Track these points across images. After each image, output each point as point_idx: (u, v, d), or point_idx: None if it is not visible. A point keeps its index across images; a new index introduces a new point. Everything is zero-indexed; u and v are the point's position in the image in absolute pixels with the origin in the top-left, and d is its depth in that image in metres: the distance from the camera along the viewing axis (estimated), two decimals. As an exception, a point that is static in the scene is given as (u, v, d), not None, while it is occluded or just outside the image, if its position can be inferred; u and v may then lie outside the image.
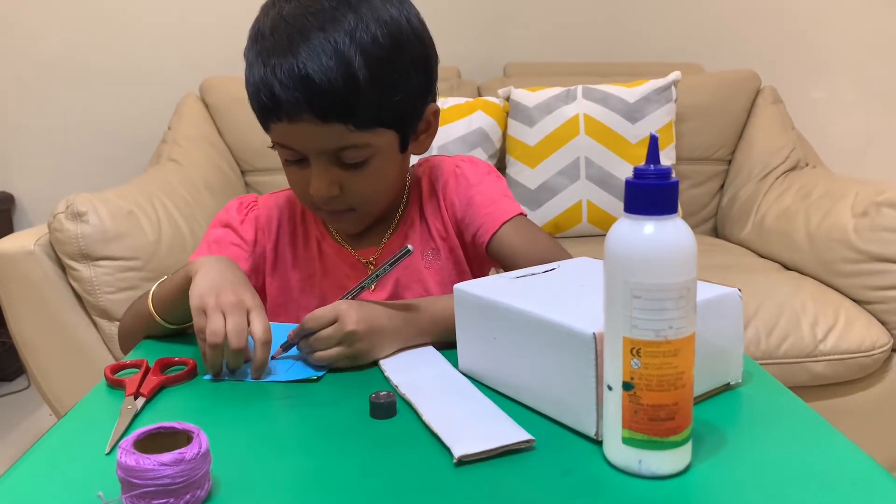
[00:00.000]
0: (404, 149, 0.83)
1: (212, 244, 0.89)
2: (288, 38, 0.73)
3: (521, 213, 0.88)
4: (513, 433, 0.54)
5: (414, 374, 0.67)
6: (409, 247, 0.74)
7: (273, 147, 0.83)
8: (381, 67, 0.74)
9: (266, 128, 0.80)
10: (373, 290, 0.89)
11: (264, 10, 0.78)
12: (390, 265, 0.74)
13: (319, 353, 0.69)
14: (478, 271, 0.93)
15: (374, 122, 0.76)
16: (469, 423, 0.57)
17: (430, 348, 0.74)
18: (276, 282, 0.92)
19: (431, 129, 0.87)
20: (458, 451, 0.52)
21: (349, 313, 0.70)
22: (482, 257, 0.90)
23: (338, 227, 0.91)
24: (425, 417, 0.58)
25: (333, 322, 0.69)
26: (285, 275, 0.92)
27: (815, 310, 1.45)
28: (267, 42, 0.75)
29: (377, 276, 0.75)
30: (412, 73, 0.78)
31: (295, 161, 0.81)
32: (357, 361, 0.70)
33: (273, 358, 0.72)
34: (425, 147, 0.87)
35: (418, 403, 0.60)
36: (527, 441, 0.54)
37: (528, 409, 0.60)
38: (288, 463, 0.53)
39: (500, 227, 0.86)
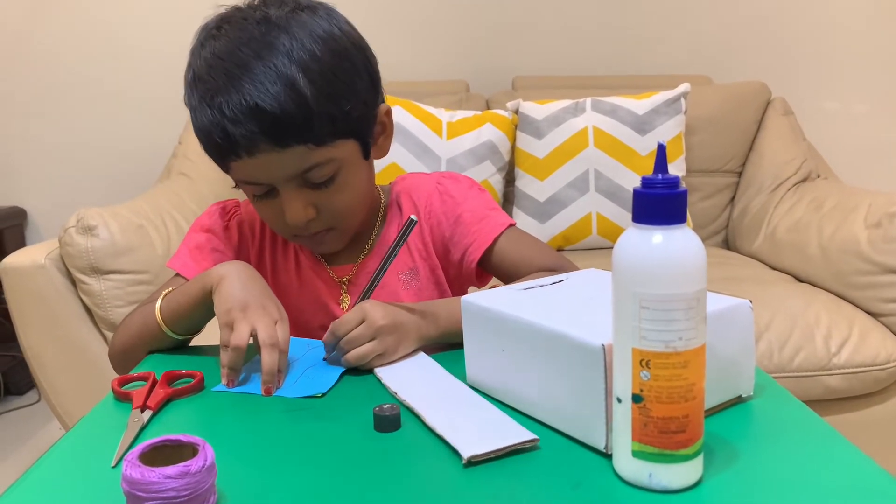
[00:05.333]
0: (367, 155, 0.83)
1: (193, 250, 0.88)
2: (227, 74, 0.73)
3: (512, 224, 0.89)
4: (518, 433, 0.55)
5: (411, 380, 0.68)
6: (414, 217, 0.76)
7: (237, 186, 0.82)
8: (325, 81, 0.74)
9: (225, 168, 0.79)
10: (344, 310, 0.88)
11: (195, 54, 0.77)
12: (398, 244, 0.76)
13: (353, 353, 0.71)
14: (457, 291, 0.93)
15: (331, 135, 0.76)
16: (473, 425, 0.57)
17: (424, 356, 0.74)
18: None
19: (388, 131, 0.86)
20: (467, 452, 0.53)
21: (374, 311, 0.72)
22: (467, 275, 0.90)
23: (319, 250, 0.89)
24: (429, 421, 0.58)
25: (361, 322, 0.71)
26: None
27: (829, 322, 1.44)
28: (207, 84, 0.74)
29: (389, 260, 0.77)
30: (357, 80, 0.78)
31: (263, 195, 0.80)
32: (386, 357, 0.73)
33: (324, 359, 0.75)
34: (385, 150, 0.87)
35: (420, 409, 0.60)
36: (532, 440, 0.54)
37: (536, 421, 0.60)
38: (293, 476, 0.53)
39: (495, 241, 0.86)
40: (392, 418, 0.59)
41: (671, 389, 0.47)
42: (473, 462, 0.52)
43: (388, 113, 0.85)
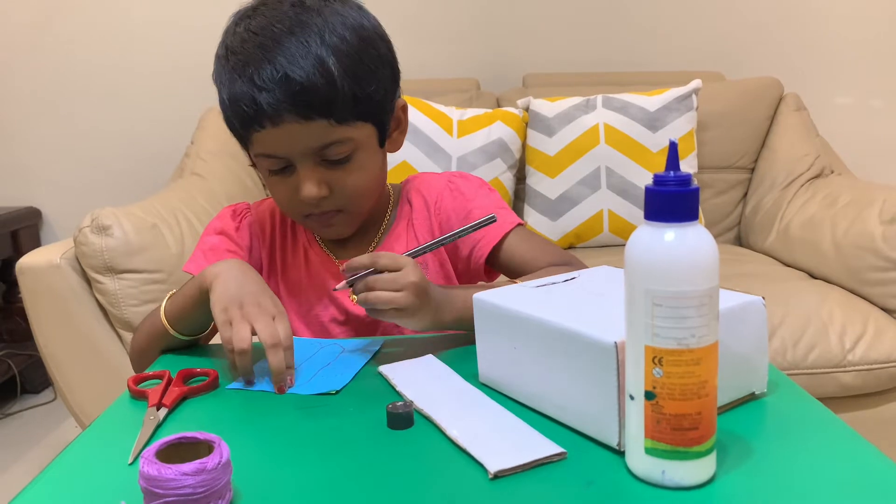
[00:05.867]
0: (383, 143, 0.86)
1: (207, 252, 0.89)
2: (260, 47, 0.76)
3: (521, 223, 0.91)
4: (544, 446, 0.54)
5: (426, 387, 0.66)
6: (494, 215, 0.79)
7: (253, 165, 0.85)
8: (352, 63, 0.78)
9: (246, 142, 0.82)
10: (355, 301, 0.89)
11: (228, 32, 0.81)
12: (472, 228, 0.78)
13: (377, 294, 0.71)
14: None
15: (352, 115, 0.79)
16: (497, 437, 0.56)
17: (433, 358, 0.73)
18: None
19: (402, 126, 0.90)
20: (494, 466, 0.51)
21: (416, 269, 0.73)
22: (476, 271, 0.91)
23: (327, 234, 0.91)
24: (449, 433, 0.57)
25: (400, 270, 0.72)
26: (276, 281, 0.93)
27: (843, 319, 1.43)
28: (239, 56, 0.77)
29: (453, 237, 0.79)
30: (380, 68, 0.82)
31: (279, 170, 0.82)
32: (401, 317, 0.72)
33: (334, 290, 0.75)
34: (399, 144, 0.90)
35: (439, 419, 0.60)
36: (559, 454, 0.53)
37: (549, 419, 0.60)
38: (308, 472, 0.53)
39: (504, 237, 0.88)
40: (405, 416, 0.59)
41: (684, 386, 0.47)
42: (499, 475, 0.51)
43: (405, 108, 0.89)
